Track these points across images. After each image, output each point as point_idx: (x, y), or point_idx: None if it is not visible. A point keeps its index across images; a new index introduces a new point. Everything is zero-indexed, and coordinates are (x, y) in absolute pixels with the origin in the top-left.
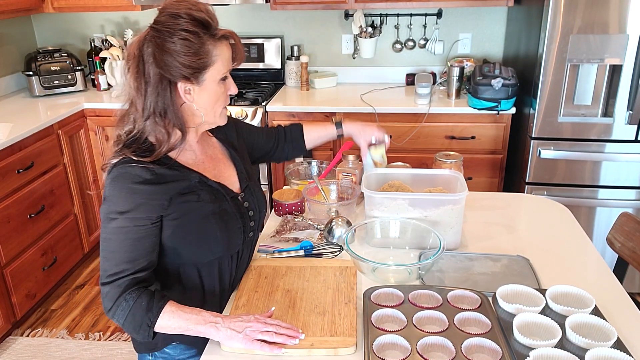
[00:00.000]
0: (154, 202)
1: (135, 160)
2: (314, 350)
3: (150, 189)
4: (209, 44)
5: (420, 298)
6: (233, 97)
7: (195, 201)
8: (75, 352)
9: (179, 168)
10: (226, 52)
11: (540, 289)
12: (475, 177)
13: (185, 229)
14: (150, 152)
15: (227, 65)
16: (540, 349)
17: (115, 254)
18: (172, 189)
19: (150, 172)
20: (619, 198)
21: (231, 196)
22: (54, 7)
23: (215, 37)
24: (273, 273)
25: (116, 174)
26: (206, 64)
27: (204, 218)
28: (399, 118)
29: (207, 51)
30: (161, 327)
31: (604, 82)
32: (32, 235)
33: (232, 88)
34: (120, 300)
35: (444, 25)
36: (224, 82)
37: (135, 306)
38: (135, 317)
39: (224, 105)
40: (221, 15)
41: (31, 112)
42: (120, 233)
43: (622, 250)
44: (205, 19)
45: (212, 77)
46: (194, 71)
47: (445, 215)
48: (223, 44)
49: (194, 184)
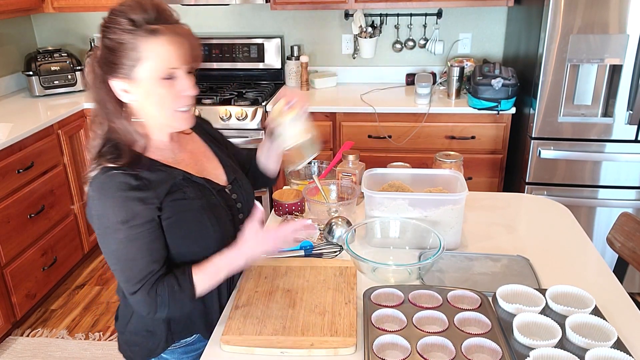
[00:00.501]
0: (148, 206)
1: (115, 167)
2: (314, 350)
3: (140, 195)
4: (140, 39)
5: (420, 298)
6: (233, 97)
7: (182, 199)
8: (75, 352)
9: (161, 167)
10: (164, 49)
11: (540, 289)
12: (475, 177)
13: (179, 227)
14: (126, 156)
15: (166, 63)
16: (540, 349)
17: (136, 262)
18: (160, 191)
19: (134, 177)
20: (619, 198)
21: (217, 189)
22: (54, 7)
23: (147, 32)
24: (273, 273)
25: (100, 186)
26: (135, 60)
27: (195, 214)
28: (399, 118)
29: (135, 46)
30: (202, 288)
31: (604, 82)
32: (32, 235)
33: (187, 89)
34: (154, 298)
35: (444, 25)
36: (172, 82)
37: (170, 294)
38: (177, 301)
39: (179, 107)
40: (221, 15)
41: (31, 112)
42: (132, 241)
43: (622, 250)
44: (136, 15)
45: (148, 75)
46: (125, 68)
47: (445, 215)
48: (160, 39)
49: (178, 182)
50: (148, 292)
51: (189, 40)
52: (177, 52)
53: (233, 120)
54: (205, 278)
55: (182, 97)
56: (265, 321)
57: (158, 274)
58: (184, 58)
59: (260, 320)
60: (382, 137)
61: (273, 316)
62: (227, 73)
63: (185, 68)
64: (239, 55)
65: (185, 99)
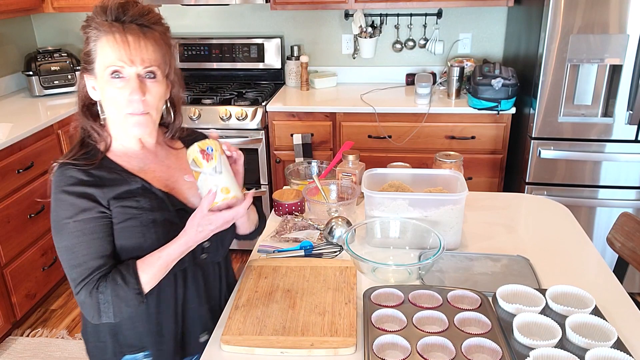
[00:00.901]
0: (94, 203)
1: (70, 163)
2: (314, 350)
3: (88, 191)
4: (93, 34)
5: (420, 298)
6: (233, 97)
7: (134, 207)
8: (75, 352)
9: (121, 172)
10: (107, 46)
11: (540, 289)
12: (475, 177)
13: (125, 235)
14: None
15: (108, 60)
16: (540, 349)
17: (78, 258)
18: (108, 192)
19: (85, 173)
20: (619, 198)
21: (178, 208)
22: (54, 7)
23: (99, 29)
24: (273, 273)
25: (53, 181)
26: (91, 54)
27: (144, 226)
28: (399, 118)
29: (90, 41)
30: (149, 284)
31: (604, 82)
32: (32, 235)
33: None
34: (96, 297)
35: (444, 25)
36: (123, 83)
37: (113, 290)
38: (121, 299)
39: (126, 111)
40: (221, 15)
41: (31, 112)
42: (77, 236)
43: (622, 250)
44: (99, 14)
45: (100, 73)
46: (87, 63)
47: (445, 215)
48: (107, 36)
49: (134, 189)
50: (90, 292)
51: (140, 41)
52: (120, 51)
53: (233, 120)
54: (150, 270)
55: (133, 102)
56: (265, 321)
57: (101, 272)
58: (128, 58)
59: (260, 320)
60: (382, 137)
61: (273, 316)
62: (227, 73)
63: (137, 70)
64: (239, 55)
65: (132, 103)
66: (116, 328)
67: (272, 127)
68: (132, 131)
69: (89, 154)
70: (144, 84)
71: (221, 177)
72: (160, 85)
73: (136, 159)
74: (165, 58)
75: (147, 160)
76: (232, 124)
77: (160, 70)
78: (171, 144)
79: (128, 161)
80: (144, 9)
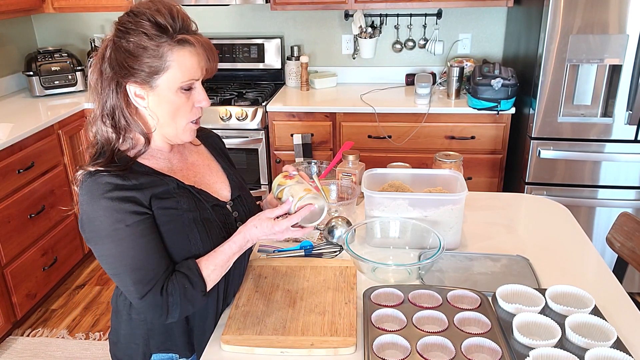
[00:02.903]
0: (137, 205)
1: (102, 170)
2: (314, 350)
3: (128, 194)
4: (164, 47)
5: (420, 298)
6: (233, 97)
7: (174, 208)
8: (75, 352)
9: (154, 174)
10: (187, 59)
11: (540, 289)
12: (475, 177)
13: (171, 238)
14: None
15: (188, 74)
16: (540, 349)
17: (142, 261)
18: (147, 193)
19: (120, 178)
20: (619, 198)
21: (213, 204)
22: (54, 7)
23: (174, 41)
24: (273, 273)
25: (87, 190)
26: (158, 68)
27: (186, 226)
28: (399, 118)
29: (160, 55)
30: (213, 282)
31: (603, 82)
32: (32, 235)
33: (202, 101)
34: (166, 299)
35: (444, 26)
36: (188, 93)
37: (181, 292)
38: (189, 300)
39: (190, 119)
40: (221, 16)
41: (31, 112)
42: (134, 240)
43: (621, 250)
44: (164, 21)
45: (167, 84)
46: (145, 75)
47: (445, 215)
48: (185, 49)
49: (171, 189)
50: (160, 293)
51: (210, 51)
52: (201, 63)
53: (233, 120)
54: (215, 270)
55: (196, 109)
56: (265, 321)
57: (166, 272)
58: (205, 69)
59: (260, 320)
60: (382, 137)
61: (273, 316)
62: (227, 73)
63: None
64: (239, 55)
65: (198, 111)
66: (151, 330)
67: (272, 127)
68: (190, 137)
69: (117, 160)
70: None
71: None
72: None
73: (163, 159)
74: None
75: (174, 160)
76: (232, 124)
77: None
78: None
79: (156, 162)
80: (181, 11)
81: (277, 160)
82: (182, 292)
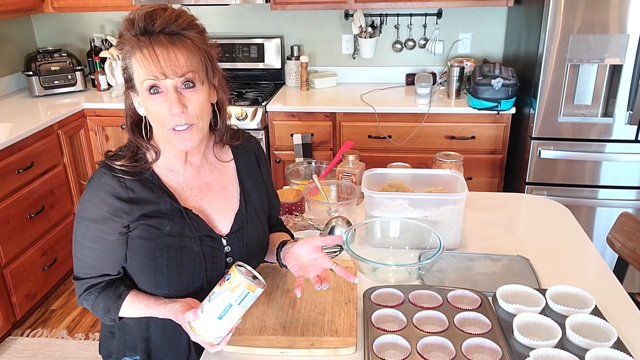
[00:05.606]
0: (120, 219)
1: (114, 168)
2: (314, 350)
3: (118, 206)
4: (126, 51)
5: (420, 298)
6: (234, 97)
7: (156, 228)
8: (75, 352)
9: (156, 190)
10: (140, 61)
11: (540, 289)
12: (475, 177)
13: (139, 252)
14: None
15: (142, 75)
16: (540, 349)
17: (86, 262)
18: (136, 210)
19: (123, 186)
20: (619, 198)
21: (203, 234)
22: (54, 7)
23: (131, 44)
24: (273, 273)
25: (94, 178)
26: (128, 71)
27: (158, 249)
28: (399, 118)
29: (124, 58)
30: (124, 315)
31: (604, 82)
32: (32, 235)
33: (171, 106)
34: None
35: (444, 25)
36: (160, 97)
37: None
38: (98, 313)
39: (169, 125)
40: (221, 16)
41: (31, 112)
42: (88, 240)
43: (622, 250)
44: (128, 28)
45: (139, 88)
46: (129, 81)
47: (445, 215)
48: (139, 51)
49: (163, 210)
50: (85, 289)
51: (169, 52)
52: (150, 66)
53: (233, 120)
54: (131, 313)
55: (176, 115)
56: (265, 321)
57: (103, 279)
58: (160, 72)
59: (260, 320)
60: (382, 137)
61: (273, 316)
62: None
63: (173, 83)
64: (239, 55)
65: (174, 117)
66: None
67: (272, 127)
68: (179, 146)
69: (137, 162)
70: (183, 96)
71: (239, 313)
72: (200, 92)
73: (177, 174)
74: (202, 62)
75: (187, 177)
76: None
77: (197, 77)
78: (220, 153)
79: (168, 176)
80: (173, 14)
81: (277, 160)
82: (95, 307)
